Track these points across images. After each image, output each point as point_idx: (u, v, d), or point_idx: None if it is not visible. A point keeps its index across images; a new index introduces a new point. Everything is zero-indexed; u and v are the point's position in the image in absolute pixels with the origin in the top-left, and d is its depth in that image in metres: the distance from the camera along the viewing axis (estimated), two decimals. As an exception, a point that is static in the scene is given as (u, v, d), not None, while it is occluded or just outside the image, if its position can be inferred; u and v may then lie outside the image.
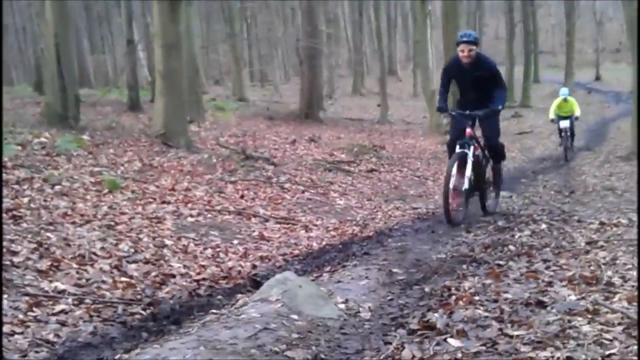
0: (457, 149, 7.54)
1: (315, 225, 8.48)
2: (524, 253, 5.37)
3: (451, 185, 7.31)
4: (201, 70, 28.10)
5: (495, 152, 8.29)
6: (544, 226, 6.81)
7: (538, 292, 4.01)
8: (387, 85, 30.10)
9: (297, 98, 25.17)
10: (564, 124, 17.14)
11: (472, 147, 7.56)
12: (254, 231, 7.69)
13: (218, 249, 6.67)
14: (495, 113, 7.76)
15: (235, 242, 7.08)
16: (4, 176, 7.60)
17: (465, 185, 7.53)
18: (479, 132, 8.10)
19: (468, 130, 7.57)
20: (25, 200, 6.85)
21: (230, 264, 6.22)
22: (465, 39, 7.54)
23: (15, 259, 5.02)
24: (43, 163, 8.84)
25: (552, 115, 17.48)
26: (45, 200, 7.02)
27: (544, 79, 46.77)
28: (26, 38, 38.83)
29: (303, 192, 10.58)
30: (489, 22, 63.80)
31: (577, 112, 17.42)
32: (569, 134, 17.26)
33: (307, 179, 11.79)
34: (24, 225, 5.97)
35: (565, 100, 17.16)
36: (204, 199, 8.81)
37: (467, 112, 7.73)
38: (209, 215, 7.97)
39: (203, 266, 6.02)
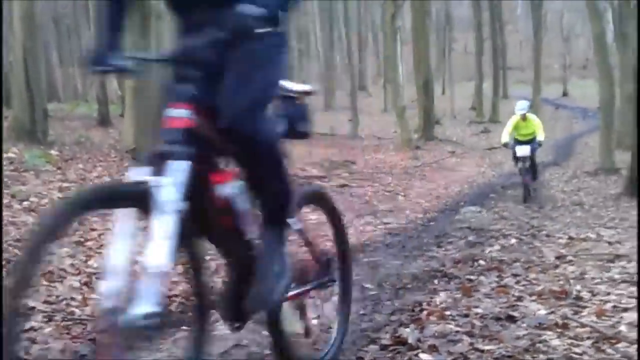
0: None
1: (288, 241, 8.46)
2: (494, 268, 5.42)
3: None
4: (172, 84, 27.98)
5: (267, 174, 2.49)
6: (513, 241, 6.89)
7: (508, 307, 4.04)
8: (358, 100, 30.24)
9: (268, 113, 25.15)
10: (522, 151, 12.70)
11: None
12: (225, 247, 7.64)
13: (187, 266, 6.61)
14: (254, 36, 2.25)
15: (207, 258, 7.04)
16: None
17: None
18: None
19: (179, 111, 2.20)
20: (-7, 216, 6.75)
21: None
22: None
23: (-17, 276, 4.95)
24: (11, 178, 8.72)
25: (505, 139, 13.12)
26: (13, 216, 6.92)
27: (512, 94, 47.32)
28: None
29: (274, 207, 10.55)
30: (458, 37, 64.50)
31: (541, 135, 12.76)
32: (527, 165, 12.74)
33: (278, 194, 11.76)
34: (-9, 241, 5.89)
35: (524, 118, 12.96)
36: (175, 214, 8.74)
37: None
38: (180, 231, 7.91)
39: (174, 282, 5.97)
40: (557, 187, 14.43)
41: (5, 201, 7.48)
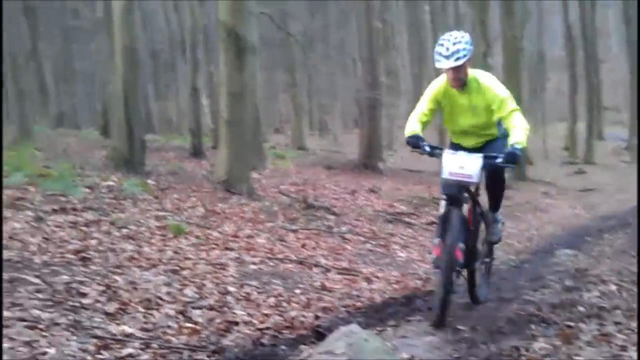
0: None
1: (377, 277, 8.41)
2: (594, 315, 5.24)
3: None
4: (261, 118, 28.52)
5: None
6: (613, 287, 6.64)
7: (612, 357, 3.90)
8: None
9: (355, 148, 25.21)
10: (455, 163, 5.68)
11: None
12: (315, 281, 7.66)
13: (281, 298, 6.66)
14: None
15: (298, 291, 7.06)
16: (74, 218, 7.81)
17: None
18: None
19: None
20: (94, 242, 6.99)
21: (293, 313, 6.20)
22: None
23: (84, 301, 5.11)
24: (110, 206, 9.02)
25: (412, 128, 6.20)
26: (112, 243, 7.15)
27: (608, 135, 45.97)
28: (94, 83, 40.05)
29: (364, 243, 10.53)
30: (551, 77, 63.32)
31: (518, 131, 5.35)
32: (465, 207, 5.77)
33: (367, 229, 11.74)
34: (93, 267, 6.09)
35: (460, 82, 5.60)
36: (265, 246, 8.84)
37: None
38: (271, 264, 7.99)
39: (266, 315, 6.01)
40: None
41: (104, 228, 7.76)
